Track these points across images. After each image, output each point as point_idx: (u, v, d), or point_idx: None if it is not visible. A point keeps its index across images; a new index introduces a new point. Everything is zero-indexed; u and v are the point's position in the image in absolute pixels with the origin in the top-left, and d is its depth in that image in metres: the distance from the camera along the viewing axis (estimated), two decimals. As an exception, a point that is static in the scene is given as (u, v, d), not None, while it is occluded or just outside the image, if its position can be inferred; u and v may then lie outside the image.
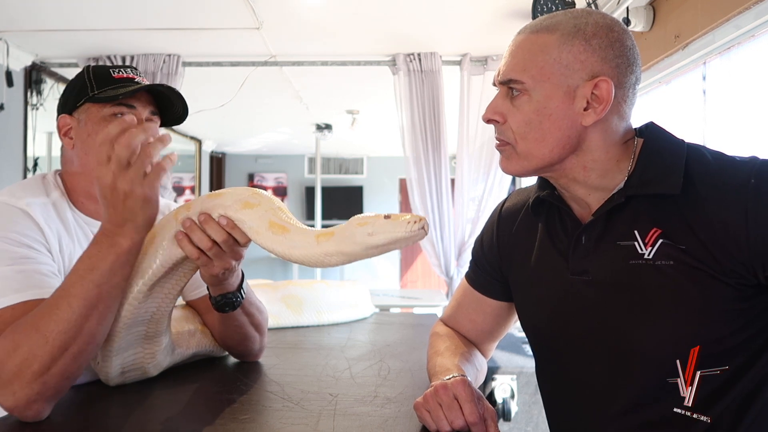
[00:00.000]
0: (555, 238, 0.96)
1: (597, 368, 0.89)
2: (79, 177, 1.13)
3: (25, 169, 3.55)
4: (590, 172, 0.89)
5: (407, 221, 0.82)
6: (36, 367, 0.83)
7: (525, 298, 1.02)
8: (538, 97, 0.86)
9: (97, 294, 0.86)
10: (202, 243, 0.93)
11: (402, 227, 0.82)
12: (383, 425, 0.85)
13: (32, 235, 1.00)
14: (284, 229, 0.92)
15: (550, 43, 0.86)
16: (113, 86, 1.10)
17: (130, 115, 1.07)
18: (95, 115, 1.10)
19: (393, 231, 0.83)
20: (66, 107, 1.14)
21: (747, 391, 0.81)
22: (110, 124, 0.87)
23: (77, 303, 0.85)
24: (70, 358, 0.86)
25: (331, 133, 5.63)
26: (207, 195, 0.98)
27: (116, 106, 1.09)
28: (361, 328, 1.70)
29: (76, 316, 0.85)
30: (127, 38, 3.27)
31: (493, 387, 1.96)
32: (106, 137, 0.86)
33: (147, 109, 1.13)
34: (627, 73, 0.86)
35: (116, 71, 1.13)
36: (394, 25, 3.10)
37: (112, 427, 0.88)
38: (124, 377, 1.03)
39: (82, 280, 0.86)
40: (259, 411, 0.92)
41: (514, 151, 0.90)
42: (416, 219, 0.82)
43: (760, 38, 1.98)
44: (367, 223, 0.85)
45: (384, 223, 0.84)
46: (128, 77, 1.13)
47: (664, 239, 0.82)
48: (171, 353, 1.11)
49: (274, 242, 0.91)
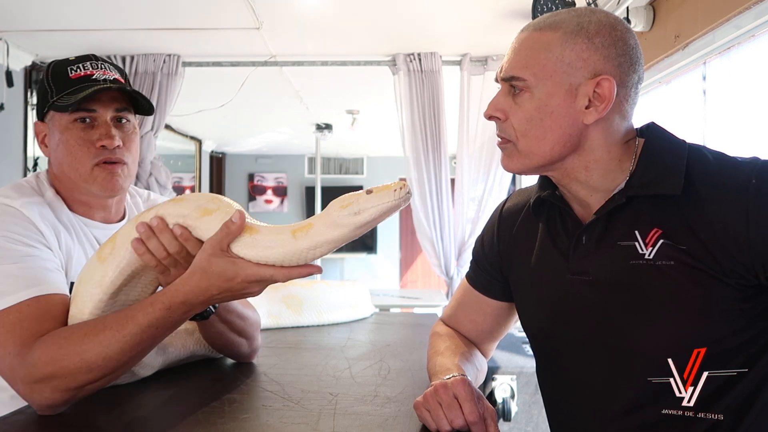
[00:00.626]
0: (555, 238, 0.96)
1: (597, 368, 0.89)
2: (61, 183, 1.13)
3: (25, 169, 3.55)
4: (592, 171, 0.89)
5: (393, 190, 0.81)
6: (73, 385, 0.86)
7: (525, 298, 1.02)
8: (540, 94, 0.86)
9: (150, 336, 0.88)
10: (157, 252, 0.89)
11: (389, 197, 0.81)
12: (383, 425, 0.85)
13: (30, 234, 1.00)
14: (251, 230, 0.86)
15: (553, 41, 0.86)
16: (71, 89, 1.07)
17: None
18: (59, 124, 1.09)
19: (381, 203, 0.81)
20: (39, 113, 1.13)
21: (748, 392, 0.81)
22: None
23: (128, 341, 0.86)
24: (104, 382, 0.89)
25: (331, 133, 5.62)
26: (169, 200, 0.94)
27: (76, 112, 1.07)
28: (361, 328, 1.70)
29: (125, 357, 0.87)
30: (127, 38, 3.27)
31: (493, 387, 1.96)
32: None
33: (110, 109, 1.10)
34: (629, 72, 0.86)
35: (74, 69, 1.09)
36: (394, 25, 3.10)
37: (111, 426, 0.88)
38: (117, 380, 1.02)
39: (135, 320, 0.86)
40: (259, 411, 0.92)
41: (515, 148, 0.90)
42: (400, 185, 0.81)
43: (760, 38, 1.98)
44: (350, 203, 0.82)
45: (369, 198, 0.81)
46: (85, 74, 1.09)
47: (665, 239, 0.82)
48: (162, 354, 1.10)
49: (242, 246, 0.85)
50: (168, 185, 4.12)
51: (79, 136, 1.08)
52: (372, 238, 7.74)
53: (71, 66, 1.10)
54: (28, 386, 0.87)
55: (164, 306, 0.86)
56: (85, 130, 1.09)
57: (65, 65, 1.10)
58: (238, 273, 0.84)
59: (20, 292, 0.92)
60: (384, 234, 7.77)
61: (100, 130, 1.09)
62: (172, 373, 1.12)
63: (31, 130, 3.58)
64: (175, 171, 6.41)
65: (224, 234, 0.85)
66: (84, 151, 1.08)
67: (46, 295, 0.93)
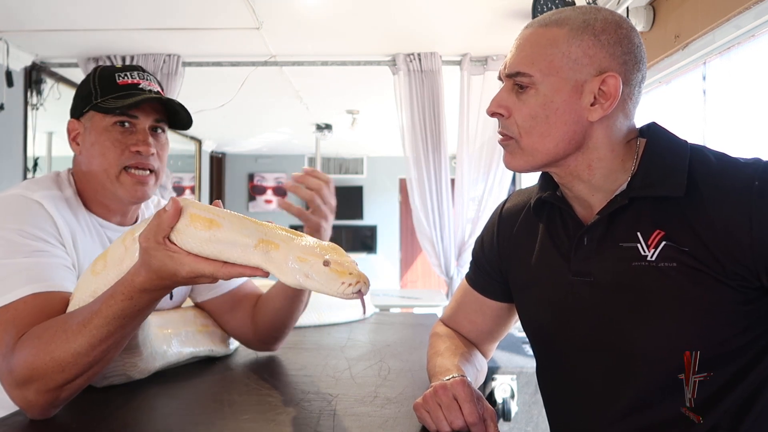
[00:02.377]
0: (556, 238, 0.96)
1: (598, 369, 0.89)
2: (86, 182, 1.14)
3: (25, 169, 3.55)
4: (595, 170, 0.89)
5: (342, 282, 0.74)
6: (51, 386, 0.85)
7: (526, 299, 1.02)
8: (545, 90, 0.86)
9: (118, 327, 0.85)
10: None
11: (334, 286, 0.74)
12: (383, 425, 0.85)
13: (46, 227, 1.00)
14: (212, 223, 0.78)
15: (559, 37, 0.85)
16: (117, 94, 1.10)
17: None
18: (98, 125, 1.11)
19: (324, 285, 0.75)
20: (75, 112, 1.15)
21: (747, 394, 0.81)
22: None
23: (96, 335, 0.84)
24: (83, 380, 0.88)
25: (331, 133, 5.62)
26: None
27: (119, 116, 1.10)
28: (361, 328, 1.70)
29: (96, 351, 0.85)
30: (127, 38, 3.27)
31: (493, 387, 1.96)
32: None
33: (150, 118, 1.13)
34: (634, 70, 0.86)
35: (121, 76, 1.12)
36: (394, 25, 3.10)
37: (110, 427, 0.88)
38: (109, 380, 1.03)
39: (100, 314, 0.84)
40: (259, 411, 0.92)
41: (517, 146, 0.90)
42: (353, 281, 0.74)
43: (760, 38, 1.98)
44: (306, 261, 0.75)
45: (319, 271, 0.75)
46: (132, 83, 1.12)
47: (667, 241, 0.82)
48: (162, 358, 1.10)
49: (180, 236, 0.78)
50: (168, 185, 4.13)
51: (116, 139, 1.10)
52: (372, 238, 7.74)
53: (119, 73, 1.13)
54: (14, 392, 0.86)
55: (125, 296, 0.83)
56: (123, 134, 1.11)
57: (113, 71, 1.13)
58: (178, 270, 0.79)
59: (21, 288, 0.91)
60: (384, 234, 7.77)
61: (138, 136, 1.11)
62: (172, 374, 1.12)
63: (32, 130, 3.58)
64: (175, 171, 6.42)
65: (155, 224, 0.80)
66: (117, 153, 1.10)
67: (46, 292, 0.92)
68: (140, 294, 0.82)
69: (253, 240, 0.78)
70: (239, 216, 0.81)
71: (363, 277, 0.75)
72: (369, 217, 7.79)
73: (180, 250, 0.79)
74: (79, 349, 0.83)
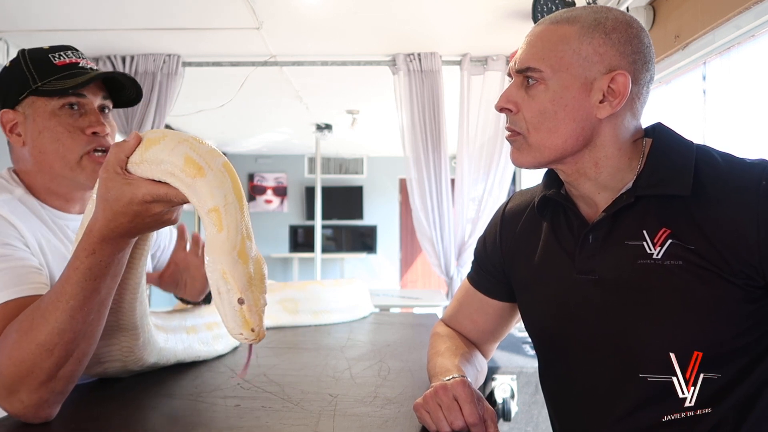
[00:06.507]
0: (561, 237, 0.96)
1: (602, 368, 0.89)
2: (36, 175, 1.08)
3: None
4: (602, 168, 0.89)
5: (240, 333, 0.73)
6: (43, 377, 0.81)
7: (529, 298, 1.02)
8: (555, 86, 0.86)
9: (91, 290, 0.81)
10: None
11: (233, 326, 0.74)
12: (383, 426, 0.85)
13: (7, 231, 0.95)
14: (151, 142, 0.78)
15: (570, 35, 0.86)
16: (57, 76, 1.04)
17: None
18: (43, 110, 1.04)
19: (225, 316, 0.74)
20: (8, 102, 1.06)
21: (750, 393, 0.81)
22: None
23: (72, 305, 0.80)
24: (75, 363, 0.84)
25: (331, 133, 5.63)
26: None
27: (65, 97, 1.04)
28: (361, 328, 1.70)
29: (79, 324, 0.81)
30: (127, 38, 3.27)
31: (493, 387, 1.96)
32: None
33: (98, 96, 1.07)
34: (643, 70, 0.87)
35: (56, 57, 1.06)
36: (394, 25, 3.10)
37: (109, 426, 0.88)
38: (104, 367, 0.99)
39: (69, 280, 0.81)
40: (258, 412, 0.92)
41: (525, 142, 0.90)
42: (250, 338, 0.74)
43: (760, 38, 1.98)
44: (227, 282, 0.74)
45: (230, 302, 0.74)
46: (71, 62, 1.06)
47: (674, 239, 0.82)
48: (157, 353, 1.08)
49: (135, 164, 0.78)
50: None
51: (68, 123, 1.04)
52: (372, 237, 7.74)
53: (52, 54, 1.06)
54: (5, 399, 0.82)
55: (87, 252, 0.79)
56: (74, 117, 1.05)
57: (45, 53, 1.06)
58: (134, 193, 0.77)
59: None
60: (384, 234, 7.77)
61: (90, 118, 1.06)
62: (171, 374, 1.12)
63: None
64: (175, 171, 6.41)
65: (113, 155, 0.79)
66: (74, 139, 1.04)
67: (23, 297, 0.88)
68: (101, 245, 0.79)
69: (213, 204, 0.76)
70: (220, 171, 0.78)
71: (261, 335, 0.74)
72: (369, 217, 7.79)
73: (138, 177, 0.79)
74: (61, 325, 0.80)
